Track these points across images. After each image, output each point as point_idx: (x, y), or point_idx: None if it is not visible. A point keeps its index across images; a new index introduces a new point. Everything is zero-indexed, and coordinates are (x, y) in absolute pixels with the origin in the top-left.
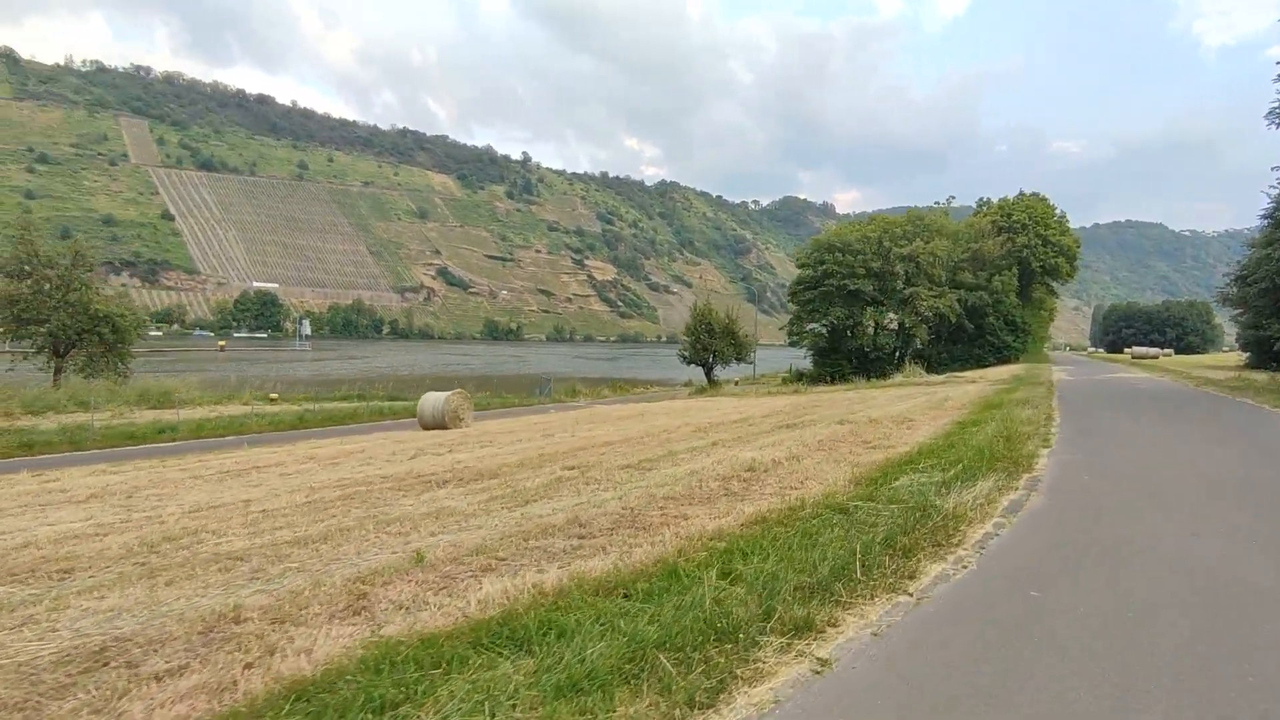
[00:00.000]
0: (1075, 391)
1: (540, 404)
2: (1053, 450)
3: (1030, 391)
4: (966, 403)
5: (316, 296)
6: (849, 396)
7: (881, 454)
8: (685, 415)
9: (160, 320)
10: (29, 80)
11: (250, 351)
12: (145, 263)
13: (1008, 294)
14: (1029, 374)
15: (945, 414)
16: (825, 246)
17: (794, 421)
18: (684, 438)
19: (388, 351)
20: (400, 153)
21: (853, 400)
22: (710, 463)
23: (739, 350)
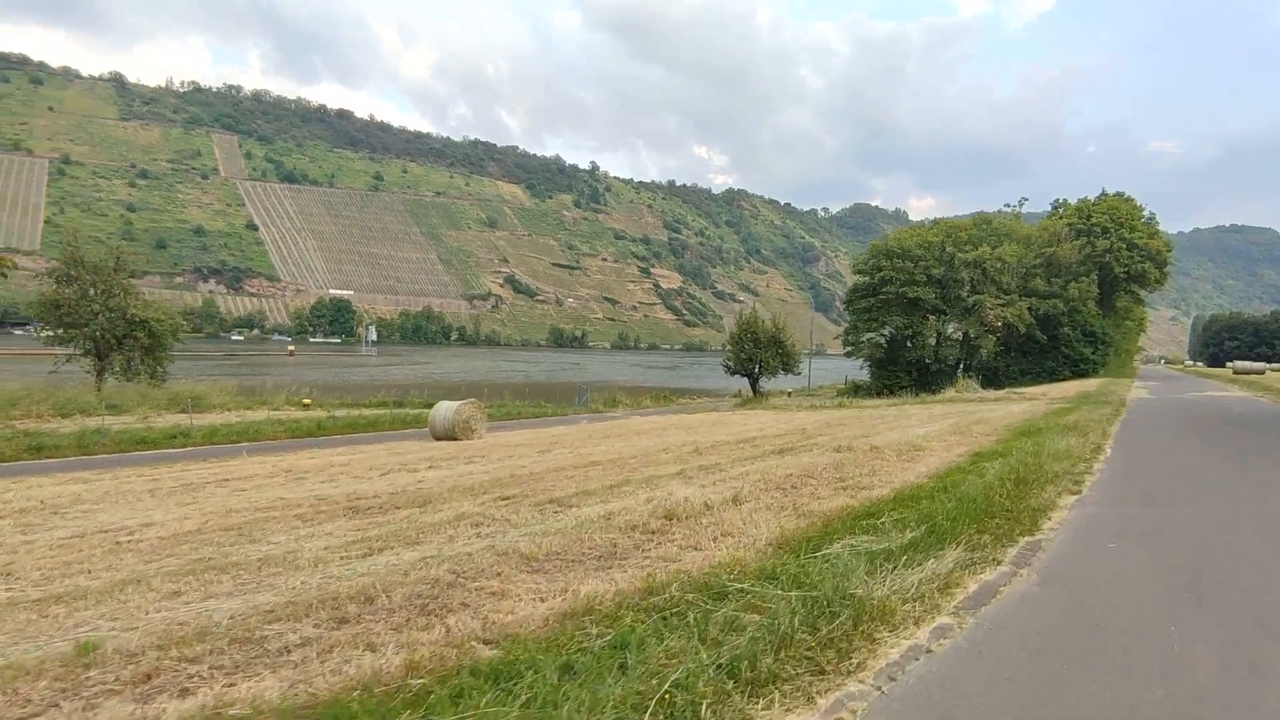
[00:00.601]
0: (1147, 414)
1: (575, 414)
2: (1080, 499)
3: (1090, 413)
4: (1002, 427)
5: (388, 303)
6: (884, 414)
7: (845, 499)
8: (701, 432)
9: (242, 325)
10: (134, 102)
11: (318, 356)
12: (231, 270)
13: (1085, 302)
14: (1101, 391)
15: (967, 441)
16: (883, 252)
17: (795, 445)
18: (664, 462)
19: (451, 358)
20: (472, 163)
21: (881, 419)
22: (639, 502)
23: (786, 360)
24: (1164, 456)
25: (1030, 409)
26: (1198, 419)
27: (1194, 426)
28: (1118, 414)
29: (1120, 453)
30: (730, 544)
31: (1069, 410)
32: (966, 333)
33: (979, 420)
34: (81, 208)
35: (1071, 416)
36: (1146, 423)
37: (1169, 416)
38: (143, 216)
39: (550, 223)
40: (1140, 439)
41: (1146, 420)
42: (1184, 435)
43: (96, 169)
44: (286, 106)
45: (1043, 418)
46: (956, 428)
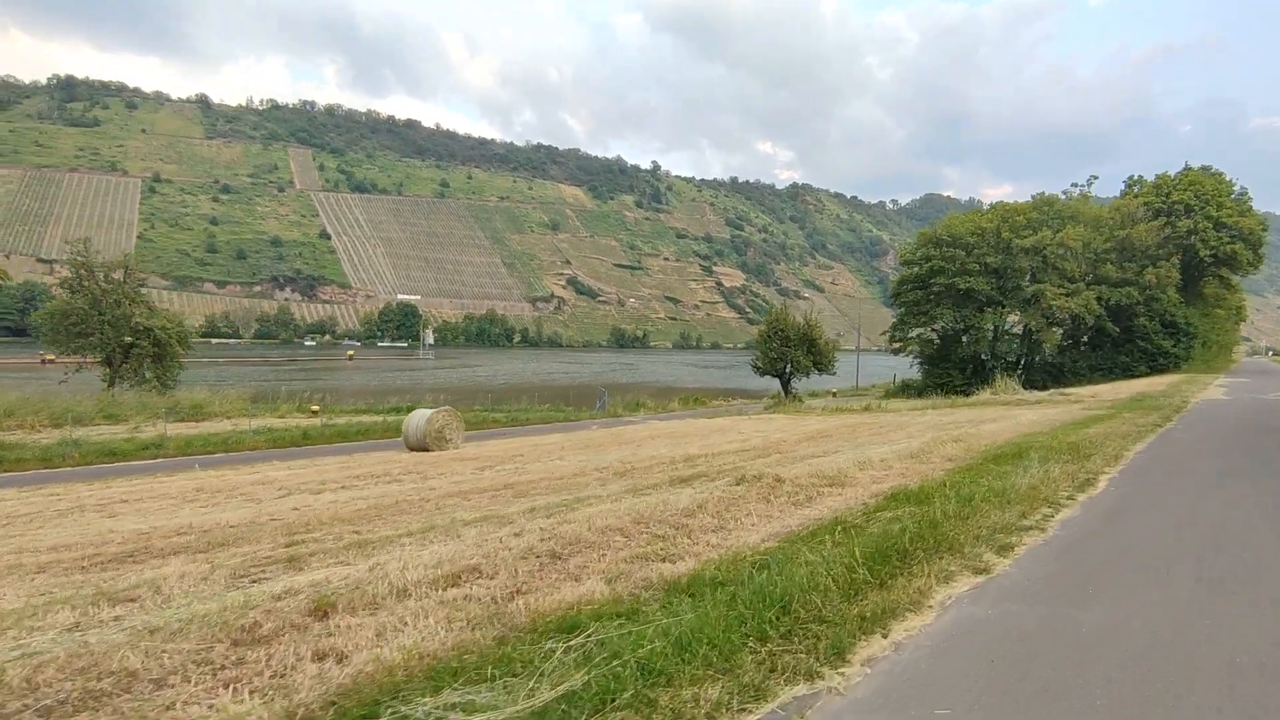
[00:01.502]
0: (1204, 424)
1: (591, 419)
2: (976, 592)
3: (1123, 424)
4: (982, 447)
5: (453, 307)
6: (886, 422)
7: (570, 590)
8: (680, 443)
9: (314, 331)
10: (218, 121)
11: (378, 360)
12: (305, 278)
13: (1165, 290)
14: (1165, 391)
15: (911, 470)
16: (933, 241)
17: (718, 470)
18: (553, 489)
19: (507, 360)
20: (534, 167)
21: (878, 429)
22: (361, 571)
23: (819, 360)
24: (1187, 495)
25: (1054, 417)
26: (1270, 433)
27: (1259, 449)
28: (1162, 424)
29: (1115, 497)
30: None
31: (1101, 419)
32: (1027, 326)
33: (963, 436)
34: (169, 222)
35: (1093, 429)
36: (1192, 440)
37: (1232, 429)
38: (224, 229)
39: (612, 223)
40: (1166, 469)
41: (1195, 436)
42: (1237, 460)
43: (184, 186)
44: (357, 119)
45: (1050, 432)
46: (923, 448)
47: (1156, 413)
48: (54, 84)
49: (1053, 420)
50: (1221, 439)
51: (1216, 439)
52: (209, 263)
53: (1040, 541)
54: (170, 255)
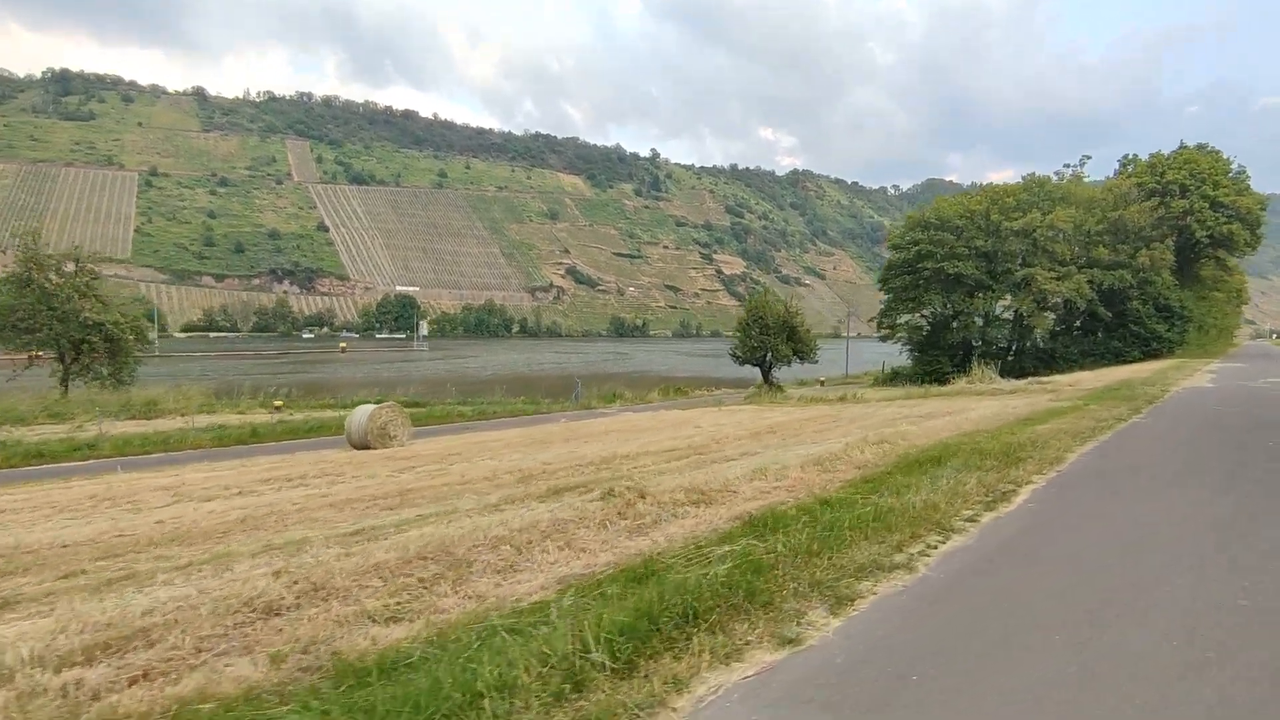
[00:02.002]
0: (1174, 417)
1: (563, 410)
2: (756, 684)
3: (1089, 417)
4: (917, 446)
5: (452, 298)
6: (859, 412)
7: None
8: (650, 436)
9: (312, 323)
10: (215, 113)
11: (371, 352)
12: (303, 271)
13: (1159, 272)
14: (1151, 379)
15: (827, 475)
16: (920, 224)
17: (593, 480)
18: (510, 483)
19: (502, 350)
20: (533, 156)
21: (830, 423)
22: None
23: (799, 348)
24: (1105, 530)
25: (1013, 410)
26: (1247, 428)
27: (1230, 445)
28: (1127, 418)
29: (1025, 517)
30: None
31: (1062, 412)
32: (1018, 311)
33: (892, 437)
34: (167, 216)
35: (1047, 425)
36: (1153, 438)
37: (1205, 422)
38: (222, 222)
39: (611, 212)
40: (1105, 477)
41: (1158, 432)
42: (1199, 462)
43: (181, 179)
44: (355, 110)
45: (994, 430)
46: (840, 451)
47: (1127, 404)
48: (49, 77)
49: (1009, 414)
50: (1189, 435)
51: (1183, 435)
52: (207, 256)
53: (898, 589)
54: (168, 249)
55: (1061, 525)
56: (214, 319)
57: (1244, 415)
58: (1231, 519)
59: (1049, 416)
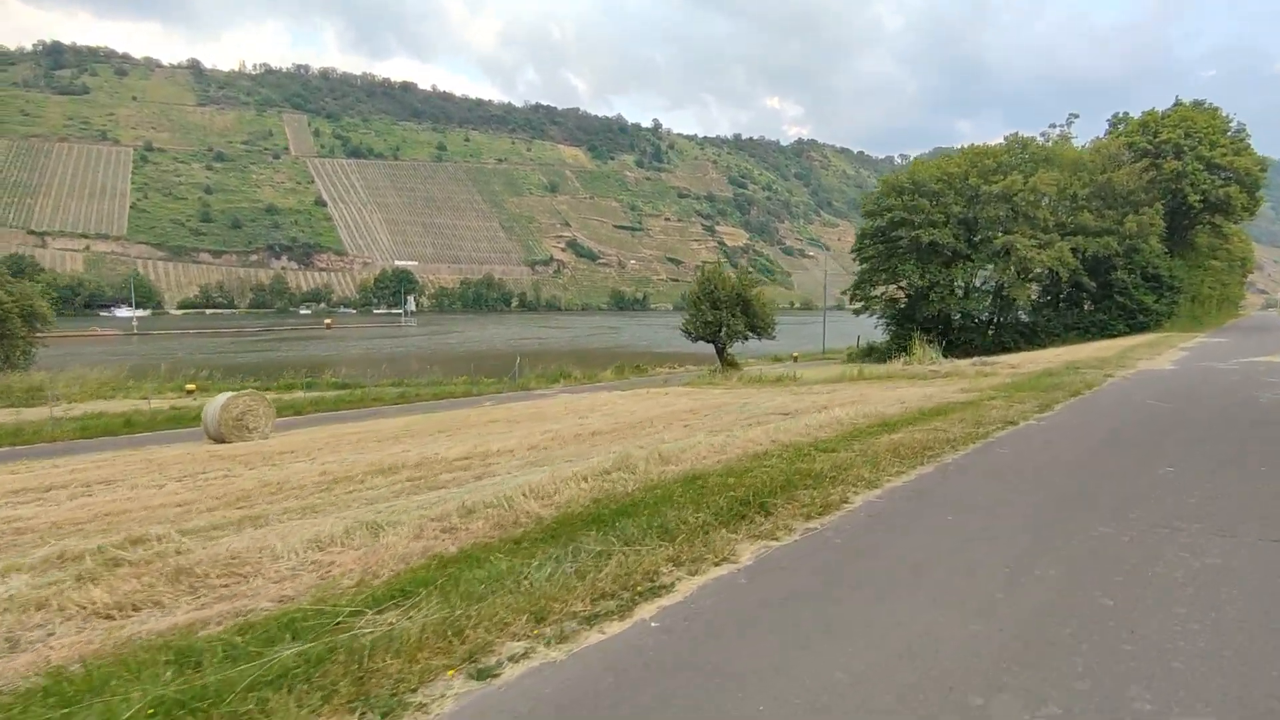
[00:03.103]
0: (1083, 418)
1: (497, 392)
2: None
3: (964, 423)
4: (676, 471)
5: (451, 272)
6: (746, 402)
7: None
8: (538, 427)
9: (309, 299)
10: (210, 87)
11: (356, 328)
12: (301, 246)
13: (1147, 239)
14: (1106, 359)
15: (452, 538)
16: (895, 189)
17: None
18: (264, 497)
19: (493, 325)
20: (533, 127)
21: (722, 412)
22: None
23: (755, 323)
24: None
25: (908, 402)
26: (1167, 434)
27: (1127, 469)
28: (1022, 419)
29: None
30: None
31: (947, 411)
32: (1001, 282)
33: (691, 447)
34: (163, 192)
35: (899, 434)
36: (1029, 455)
37: (1123, 426)
38: (219, 198)
39: (612, 184)
40: (874, 554)
41: (1040, 446)
42: (1064, 505)
43: (176, 154)
44: (353, 83)
45: (833, 439)
46: (545, 485)
47: (1045, 395)
48: (40, 50)
49: (886, 411)
50: (1081, 452)
51: (1070, 453)
52: (204, 232)
53: None
54: (164, 225)
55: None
56: (210, 296)
57: (1177, 414)
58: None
59: (925, 417)
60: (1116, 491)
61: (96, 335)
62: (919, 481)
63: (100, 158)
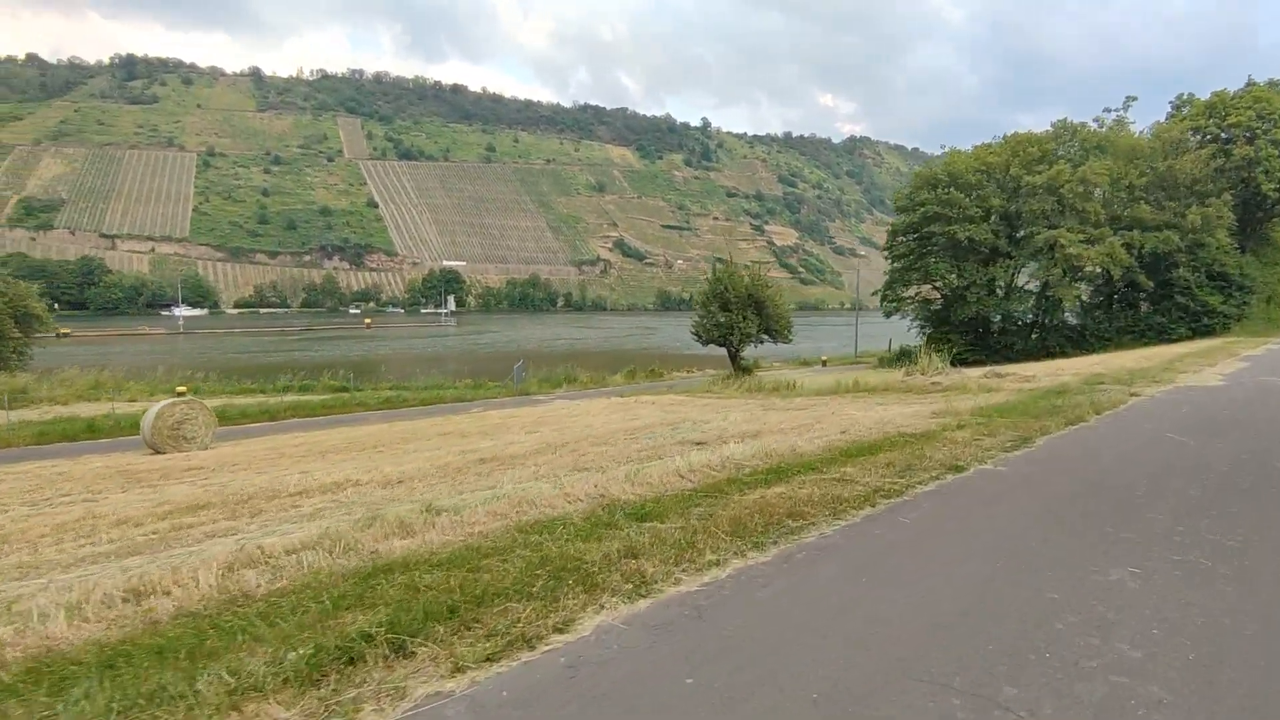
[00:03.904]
0: (1071, 464)
1: (494, 396)
2: None
3: (900, 462)
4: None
5: (498, 272)
6: (699, 421)
7: None
8: (458, 443)
9: (359, 299)
10: (270, 93)
11: (395, 328)
12: (352, 247)
13: (1213, 233)
14: (1144, 372)
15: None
16: (928, 182)
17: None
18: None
19: (533, 325)
20: (581, 128)
21: (610, 446)
22: None
23: (770, 326)
24: None
25: (871, 427)
26: (1189, 491)
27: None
28: (990, 457)
29: None
30: None
31: (901, 443)
32: (1046, 282)
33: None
34: (223, 195)
35: (764, 493)
36: (919, 537)
37: (1084, 481)
38: (275, 200)
39: (660, 184)
40: None
41: (929, 529)
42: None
43: (237, 159)
44: (405, 86)
45: (602, 516)
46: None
47: (1034, 422)
48: (116, 63)
49: (793, 448)
50: (1024, 527)
51: (1012, 525)
52: (260, 234)
53: None
54: (223, 227)
55: None
56: (265, 295)
57: (1193, 459)
58: None
59: (849, 456)
60: (1019, 629)
61: (145, 334)
62: (715, 591)
63: (166, 163)
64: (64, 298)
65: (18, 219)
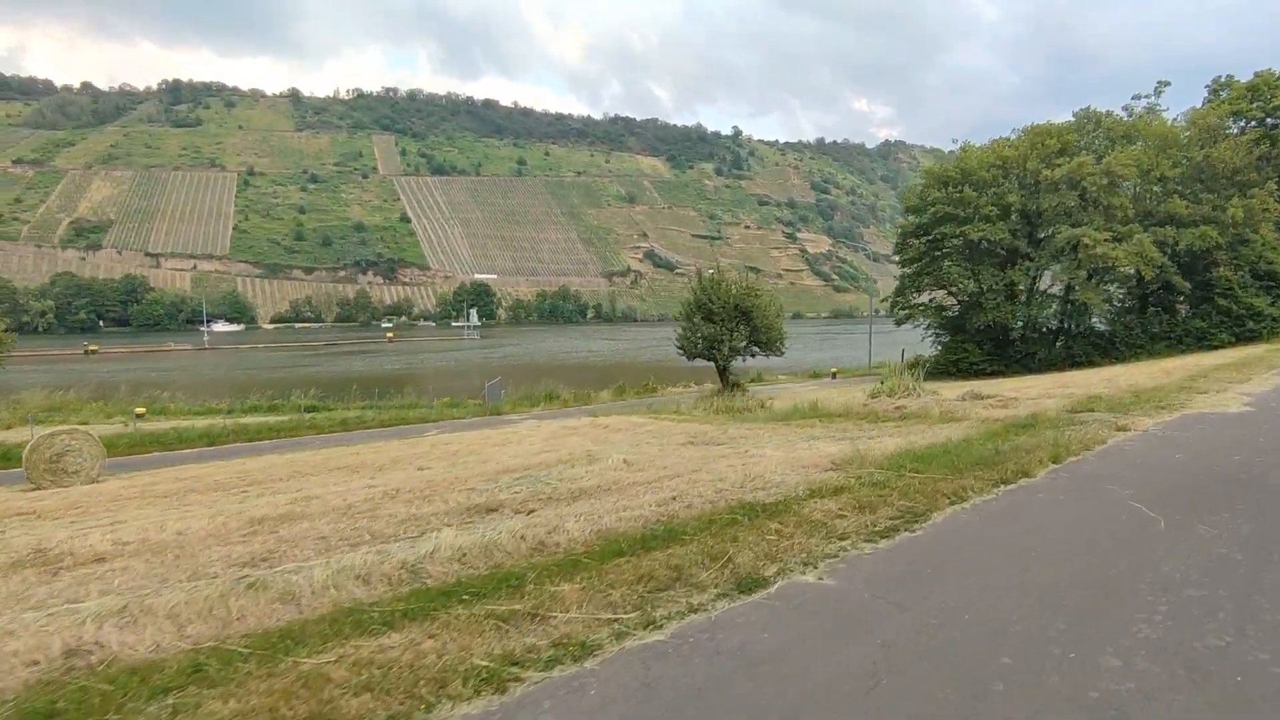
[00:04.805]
0: (957, 556)
1: (459, 418)
2: None
3: (732, 544)
4: None
5: (530, 285)
6: (615, 449)
7: None
8: (355, 480)
9: (392, 313)
10: (307, 113)
11: (419, 341)
12: (386, 262)
13: (1258, 227)
14: (1153, 391)
15: None
16: (939, 179)
17: None
18: None
19: (556, 337)
20: (612, 140)
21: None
22: None
23: (760, 337)
24: None
25: (783, 473)
26: (1078, 619)
27: None
28: (762, 582)
29: None
30: None
31: (703, 528)
32: (1070, 285)
33: None
34: (262, 213)
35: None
36: None
37: (952, 620)
38: (311, 217)
39: (691, 193)
40: None
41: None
42: None
43: (275, 178)
44: (438, 102)
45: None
46: None
47: (954, 481)
48: (163, 88)
49: (650, 514)
50: None
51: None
52: (297, 250)
53: None
54: (262, 245)
55: None
56: (300, 311)
57: (1149, 561)
58: None
59: (662, 540)
60: None
61: (170, 350)
62: None
63: (208, 184)
64: (108, 315)
65: (69, 240)
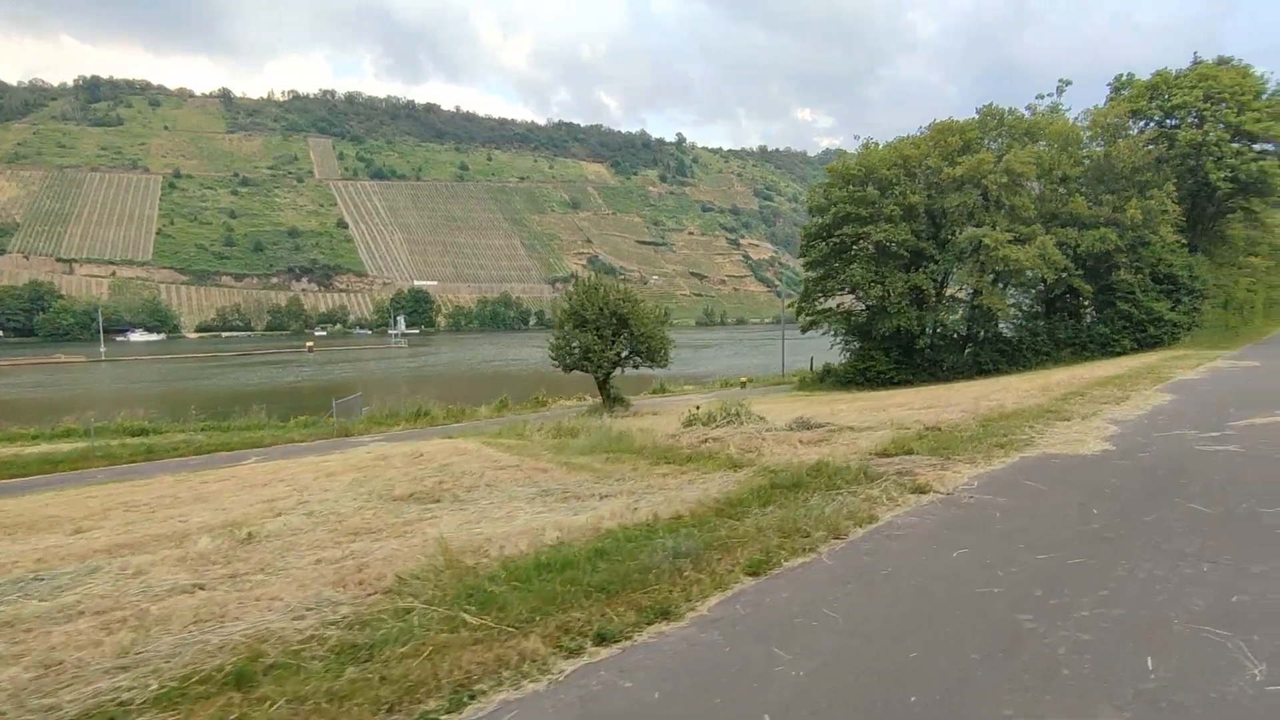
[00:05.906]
0: None
1: (301, 441)
2: None
3: None
4: None
5: (471, 291)
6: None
7: None
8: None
9: (325, 321)
10: (240, 114)
11: (340, 349)
12: (320, 268)
13: (1157, 229)
14: (1018, 415)
15: None
16: (843, 178)
17: None
18: None
19: (489, 344)
20: (556, 145)
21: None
22: None
23: (640, 347)
24: None
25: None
26: None
27: None
28: None
29: None
30: None
31: None
32: (977, 290)
33: None
34: (189, 218)
35: None
36: None
37: None
38: (242, 222)
39: (635, 199)
40: None
41: None
42: None
43: (203, 181)
44: (378, 106)
45: None
46: None
47: (556, 616)
48: (80, 85)
49: None
50: None
51: None
52: (226, 256)
53: None
54: (188, 250)
55: None
56: (227, 319)
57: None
58: None
59: None
60: None
61: (61, 362)
62: None
63: (129, 186)
64: (9, 324)
65: None
